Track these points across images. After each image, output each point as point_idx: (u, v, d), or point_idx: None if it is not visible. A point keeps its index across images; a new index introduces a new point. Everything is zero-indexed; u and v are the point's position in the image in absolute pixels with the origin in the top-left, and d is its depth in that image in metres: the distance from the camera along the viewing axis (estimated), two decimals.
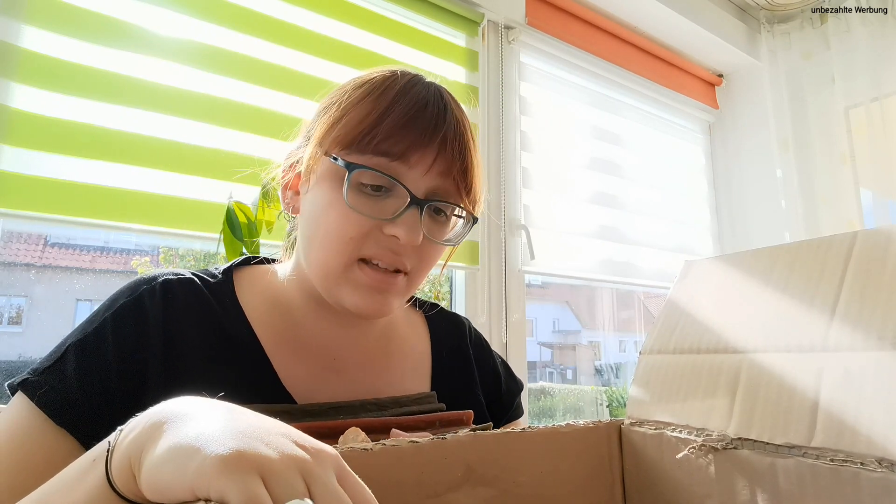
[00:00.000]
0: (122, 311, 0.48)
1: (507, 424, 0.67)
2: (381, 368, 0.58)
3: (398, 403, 0.53)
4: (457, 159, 0.50)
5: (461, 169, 0.51)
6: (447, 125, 0.50)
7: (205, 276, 0.55)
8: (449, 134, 0.50)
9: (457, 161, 0.50)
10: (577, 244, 1.60)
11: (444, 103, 0.52)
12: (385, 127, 0.48)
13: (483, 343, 0.71)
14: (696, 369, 0.38)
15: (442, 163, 0.50)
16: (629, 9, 1.74)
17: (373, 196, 0.49)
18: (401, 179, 0.49)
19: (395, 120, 0.49)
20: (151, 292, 0.50)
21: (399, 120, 0.49)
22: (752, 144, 2.04)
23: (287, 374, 0.52)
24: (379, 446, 0.31)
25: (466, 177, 0.52)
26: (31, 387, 0.44)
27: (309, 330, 0.55)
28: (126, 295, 0.50)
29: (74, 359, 0.45)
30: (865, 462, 0.27)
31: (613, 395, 2.22)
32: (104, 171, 0.93)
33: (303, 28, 1.19)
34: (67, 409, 0.43)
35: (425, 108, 0.50)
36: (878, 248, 0.33)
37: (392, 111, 0.49)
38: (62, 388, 0.44)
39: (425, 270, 0.54)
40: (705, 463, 0.34)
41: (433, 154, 0.49)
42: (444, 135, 0.50)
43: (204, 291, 0.52)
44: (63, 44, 0.92)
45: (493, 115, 1.48)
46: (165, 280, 0.51)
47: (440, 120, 0.50)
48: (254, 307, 0.54)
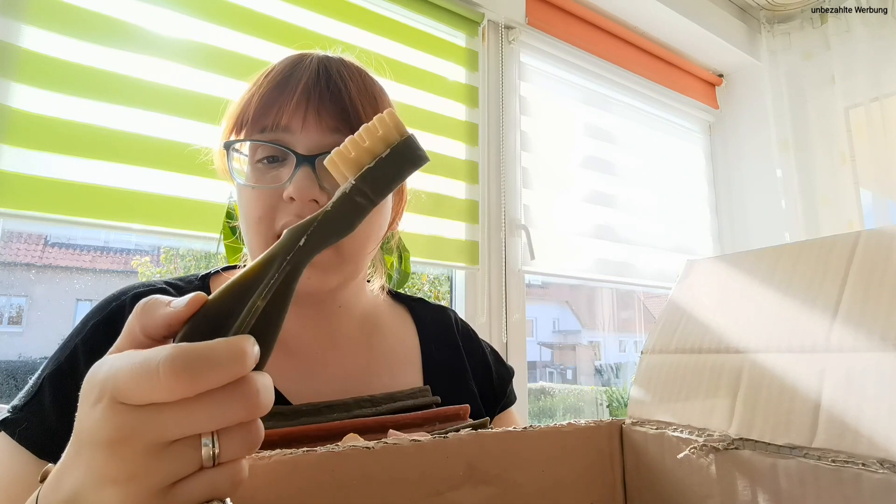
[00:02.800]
0: (93, 333, 0.48)
1: (502, 413, 0.67)
2: (368, 362, 0.58)
3: (393, 399, 0.53)
4: (330, 105, 0.50)
5: (340, 113, 0.50)
6: (315, 78, 0.50)
7: (179, 283, 0.55)
8: (319, 85, 0.50)
9: (330, 107, 0.50)
10: (577, 244, 1.60)
11: (317, 63, 0.52)
12: (255, 101, 0.50)
13: (470, 332, 0.70)
14: (698, 369, 0.38)
15: (315, 113, 0.49)
16: (629, 9, 1.75)
17: (268, 168, 0.50)
18: (284, 143, 0.49)
19: (263, 91, 0.50)
20: (121, 308, 0.50)
21: (267, 90, 0.50)
22: (752, 144, 2.04)
23: (274, 373, 0.51)
24: (380, 445, 0.31)
25: (350, 121, 0.50)
26: (12, 424, 0.44)
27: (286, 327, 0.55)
28: (96, 315, 0.50)
29: (51, 391, 0.45)
30: (867, 463, 0.27)
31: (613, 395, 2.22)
32: (104, 171, 0.93)
33: (303, 28, 1.19)
34: (49, 442, 0.44)
35: (292, 73, 0.51)
36: (882, 249, 0.33)
37: (262, 86, 0.51)
38: (41, 422, 0.44)
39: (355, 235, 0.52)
40: (706, 463, 0.34)
41: (303, 108, 0.49)
42: (310, 86, 0.50)
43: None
44: (63, 44, 0.92)
45: (493, 115, 1.48)
46: (136, 293, 0.51)
47: (308, 77, 0.50)
48: None
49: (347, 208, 0.31)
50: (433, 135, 1.35)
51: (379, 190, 0.32)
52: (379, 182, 0.32)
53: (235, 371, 0.24)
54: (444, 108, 1.39)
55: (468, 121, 1.44)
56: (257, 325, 0.27)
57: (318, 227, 0.30)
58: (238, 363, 0.24)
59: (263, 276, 0.28)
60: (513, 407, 0.69)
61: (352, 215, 0.31)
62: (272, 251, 0.29)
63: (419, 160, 0.33)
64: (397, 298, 0.68)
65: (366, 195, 0.31)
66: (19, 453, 0.43)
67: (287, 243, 0.29)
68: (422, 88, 1.35)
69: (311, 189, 0.47)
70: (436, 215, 1.32)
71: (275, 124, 0.49)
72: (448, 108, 1.40)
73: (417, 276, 1.58)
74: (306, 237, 0.30)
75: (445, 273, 1.49)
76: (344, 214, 0.31)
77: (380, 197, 0.32)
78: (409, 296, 0.70)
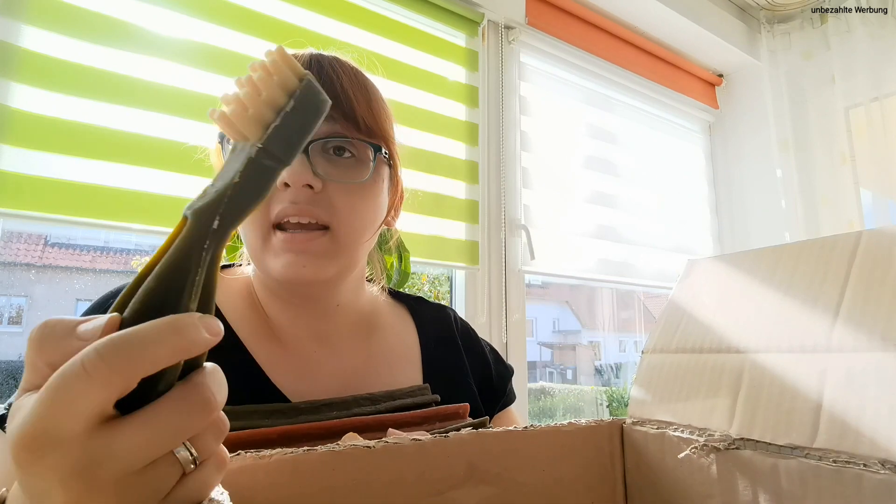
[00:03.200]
0: None
1: (502, 411, 0.67)
2: (367, 360, 0.58)
3: (392, 397, 0.53)
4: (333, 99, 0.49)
5: (337, 104, 0.50)
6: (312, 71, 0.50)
7: None
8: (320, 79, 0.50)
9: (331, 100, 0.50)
10: (577, 244, 1.60)
11: (308, 58, 0.52)
12: None
13: (470, 330, 0.71)
14: (699, 369, 0.38)
15: None
16: (629, 9, 1.74)
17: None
18: None
19: None
20: None
21: None
22: (752, 144, 2.04)
23: (274, 371, 0.51)
24: (381, 444, 0.31)
25: (354, 112, 0.50)
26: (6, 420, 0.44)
27: (281, 323, 0.55)
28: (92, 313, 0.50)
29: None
30: (868, 463, 0.27)
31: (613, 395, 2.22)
32: (104, 171, 0.93)
33: (303, 28, 1.19)
34: None
35: None
36: (883, 249, 0.33)
37: None
38: None
39: (351, 222, 0.52)
40: (707, 463, 0.34)
41: None
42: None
43: None
44: (63, 44, 0.92)
45: (493, 115, 1.48)
46: None
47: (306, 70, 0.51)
48: (232, 308, 0.54)
49: (257, 175, 0.27)
50: (433, 135, 1.34)
51: (290, 149, 0.28)
52: (289, 140, 0.28)
53: (177, 345, 0.22)
54: (444, 108, 1.39)
55: (468, 121, 1.44)
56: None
57: (229, 204, 0.26)
58: (177, 335, 0.22)
59: (186, 275, 0.25)
60: (512, 406, 0.69)
61: (263, 182, 0.27)
62: (183, 243, 0.25)
63: (323, 105, 0.29)
64: (397, 298, 0.69)
65: (276, 157, 0.27)
66: None
67: (198, 230, 0.25)
68: (422, 88, 1.35)
69: (304, 174, 0.48)
70: (436, 215, 1.32)
71: None
72: (448, 108, 1.40)
73: (417, 276, 1.58)
74: (219, 218, 0.26)
75: (445, 273, 1.49)
76: (254, 183, 0.27)
77: (291, 157, 0.28)
78: (409, 295, 0.70)
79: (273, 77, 0.28)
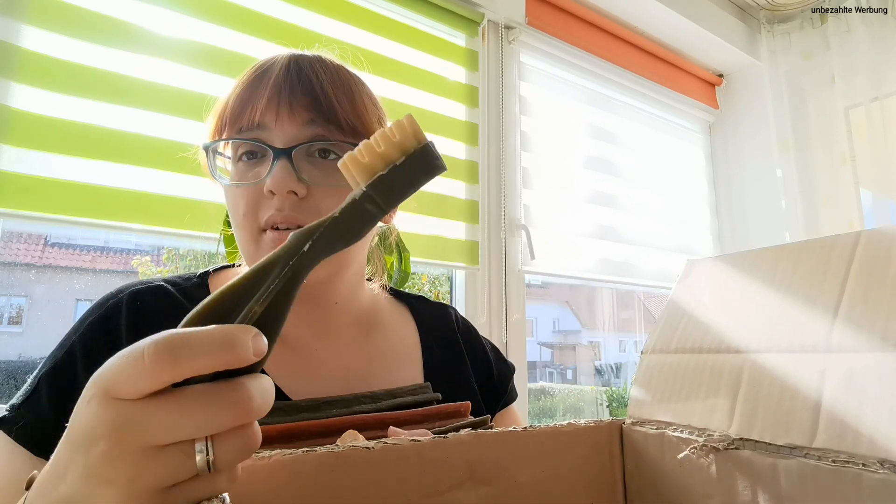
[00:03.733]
0: (90, 331, 0.48)
1: (504, 409, 0.67)
2: (368, 359, 0.58)
3: (393, 395, 0.52)
4: (301, 97, 0.50)
5: (312, 105, 0.50)
6: (287, 73, 0.51)
7: (177, 281, 0.55)
8: (290, 79, 0.50)
9: (301, 99, 0.50)
10: (577, 244, 1.60)
11: (287, 59, 0.53)
12: (231, 102, 0.51)
13: (470, 329, 0.70)
14: (698, 369, 0.38)
15: (296, 109, 0.50)
16: (629, 9, 1.74)
17: (249, 166, 0.51)
18: (260, 140, 0.50)
19: (237, 92, 0.51)
20: (117, 305, 0.50)
21: (241, 91, 0.51)
22: (752, 144, 2.04)
23: (274, 369, 0.52)
24: (380, 445, 0.31)
25: (323, 112, 0.50)
26: (9, 423, 0.45)
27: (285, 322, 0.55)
28: (93, 313, 0.50)
29: (47, 389, 0.46)
30: (868, 463, 0.27)
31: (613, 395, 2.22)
32: (104, 171, 0.93)
33: (303, 28, 1.19)
34: (45, 439, 0.44)
35: (266, 72, 0.52)
36: (882, 248, 0.33)
37: (237, 87, 0.52)
38: (38, 419, 0.44)
39: None
40: (706, 463, 0.34)
41: (276, 105, 0.50)
42: (280, 81, 0.50)
43: (176, 295, 0.53)
44: (63, 44, 0.92)
45: (493, 115, 1.48)
46: (133, 291, 0.52)
47: (281, 73, 0.51)
48: None
49: (356, 215, 0.30)
50: (433, 135, 1.35)
51: (391, 198, 0.30)
52: (391, 190, 0.30)
53: (222, 358, 0.24)
54: (444, 107, 1.39)
55: (468, 121, 1.44)
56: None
57: (325, 233, 0.29)
58: (225, 350, 0.24)
59: (263, 281, 0.27)
60: (514, 404, 0.69)
61: (360, 223, 0.30)
62: (275, 255, 0.28)
63: (435, 169, 0.32)
64: (398, 296, 0.68)
65: (376, 203, 0.30)
66: (16, 451, 0.44)
67: (291, 248, 0.28)
68: (422, 88, 1.35)
69: (287, 181, 0.48)
70: (436, 215, 1.32)
71: (250, 122, 0.50)
72: (448, 108, 1.40)
73: (417, 276, 1.58)
74: (311, 242, 0.29)
75: (445, 273, 1.49)
76: (352, 221, 0.30)
77: (391, 206, 0.31)
78: (410, 293, 0.70)
79: (395, 137, 0.31)
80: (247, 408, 0.24)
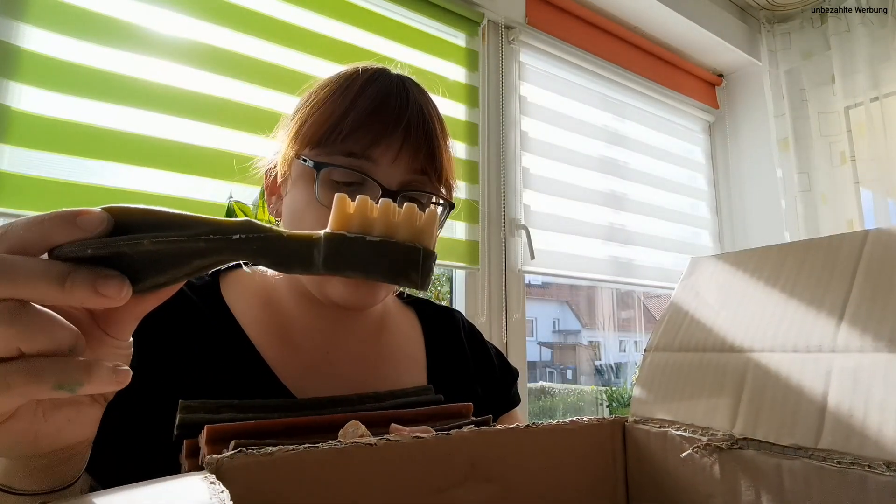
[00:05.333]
0: None
1: (506, 413, 0.67)
2: (375, 361, 0.58)
3: (395, 397, 0.53)
4: (423, 146, 0.51)
5: (428, 156, 0.51)
6: (410, 113, 0.51)
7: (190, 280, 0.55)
8: (413, 122, 0.51)
9: (423, 148, 0.51)
10: (577, 244, 1.60)
11: (406, 92, 0.52)
12: (349, 122, 0.49)
13: (476, 333, 0.71)
14: (702, 368, 0.38)
15: (409, 151, 0.50)
16: (629, 9, 1.74)
17: (344, 188, 0.50)
18: (369, 173, 0.49)
19: (358, 114, 0.49)
20: None
21: (362, 114, 0.49)
22: (752, 144, 2.04)
23: (281, 369, 0.52)
24: (383, 442, 0.30)
25: (435, 163, 0.51)
26: None
27: (300, 326, 0.56)
28: None
29: None
30: (873, 465, 0.27)
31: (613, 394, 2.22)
32: (104, 171, 0.93)
33: (303, 28, 1.19)
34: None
35: (387, 99, 0.51)
36: (890, 248, 0.33)
37: (355, 106, 0.50)
38: None
39: None
40: (710, 462, 0.34)
41: (398, 144, 0.50)
42: (408, 123, 0.50)
43: (186, 292, 0.53)
44: (63, 44, 0.92)
45: (493, 115, 1.48)
46: None
47: (402, 109, 0.51)
48: (240, 305, 0.55)
49: (298, 251, 0.28)
50: None
51: (332, 264, 0.27)
52: (340, 258, 0.28)
53: (45, 292, 0.24)
54: (443, 108, 1.37)
55: (468, 121, 1.44)
56: (127, 258, 0.27)
57: (260, 241, 0.27)
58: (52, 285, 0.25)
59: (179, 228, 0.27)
60: (516, 408, 0.69)
61: (295, 260, 0.28)
62: (209, 220, 0.28)
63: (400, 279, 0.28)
64: (405, 300, 0.69)
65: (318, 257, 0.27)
66: None
67: (226, 226, 0.28)
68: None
69: None
70: None
71: (367, 148, 0.49)
72: (448, 108, 1.40)
73: None
74: (243, 237, 0.27)
75: (445, 273, 1.49)
76: (291, 252, 0.28)
77: (326, 270, 0.28)
78: (417, 297, 0.70)
79: (395, 216, 0.29)
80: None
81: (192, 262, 0.27)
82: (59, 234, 0.26)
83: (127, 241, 0.27)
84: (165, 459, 0.41)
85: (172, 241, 0.27)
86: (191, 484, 0.24)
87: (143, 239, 0.27)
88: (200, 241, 0.27)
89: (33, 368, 0.24)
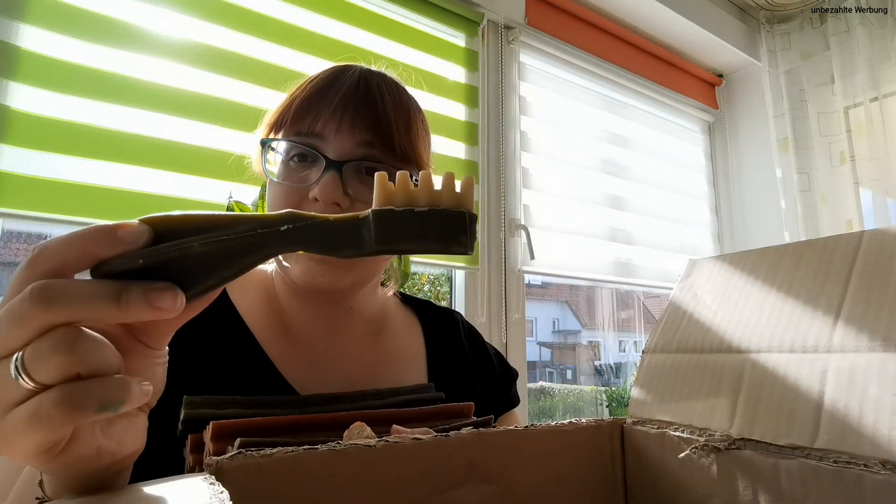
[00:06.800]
0: None
1: (506, 414, 0.68)
2: (375, 360, 0.59)
3: (397, 394, 0.53)
4: (365, 117, 0.52)
5: (372, 126, 0.52)
6: (355, 89, 0.52)
7: None
8: (357, 95, 0.52)
9: (365, 119, 0.52)
10: (576, 244, 1.60)
11: (362, 75, 0.54)
12: (295, 105, 0.52)
13: (476, 334, 0.72)
14: (699, 369, 0.38)
15: (348, 122, 0.51)
16: (629, 9, 1.75)
17: (298, 167, 0.52)
18: (316, 147, 0.51)
19: (304, 96, 0.53)
20: None
21: (308, 95, 0.53)
22: (751, 144, 2.04)
23: (284, 364, 0.53)
24: (382, 443, 0.31)
25: (381, 134, 0.52)
26: None
27: (296, 319, 0.57)
28: None
29: None
30: (869, 464, 0.27)
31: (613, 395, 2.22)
32: (104, 171, 0.93)
33: (302, 28, 1.19)
34: None
35: (335, 81, 0.53)
36: (885, 248, 0.33)
37: (304, 90, 0.53)
38: None
39: None
40: (707, 463, 0.34)
41: (339, 115, 0.51)
42: (348, 95, 0.52)
43: None
44: (63, 44, 0.92)
45: (493, 115, 1.48)
46: None
47: (349, 87, 0.52)
48: (244, 301, 0.56)
49: (346, 232, 0.28)
50: (433, 135, 1.34)
51: (385, 241, 0.28)
52: (391, 233, 0.28)
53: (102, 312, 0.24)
54: (443, 108, 1.39)
55: (468, 121, 1.44)
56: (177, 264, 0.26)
57: (309, 228, 0.28)
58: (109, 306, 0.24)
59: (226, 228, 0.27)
60: (516, 409, 0.70)
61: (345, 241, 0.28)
62: (253, 216, 0.27)
63: (451, 244, 0.28)
64: (406, 301, 0.70)
65: (370, 236, 0.28)
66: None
67: (272, 219, 0.28)
68: (421, 88, 1.35)
69: (335, 192, 0.49)
70: None
71: (310, 129, 0.51)
72: (448, 108, 1.40)
73: (417, 276, 1.58)
74: (292, 227, 0.27)
75: (445, 273, 1.49)
76: (340, 235, 0.28)
77: (381, 247, 0.28)
78: (418, 298, 0.71)
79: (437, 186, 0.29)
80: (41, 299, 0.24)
81: (242, 260, 0.27)
82: (102, 250, 0.26)
83: (177, 246, 0.26)
84: (169, 454, 0.41)
85: (222, 240, 0.27)
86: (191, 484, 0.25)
87: (192, 242, 0.26)
88: (249, 236, 0.27)
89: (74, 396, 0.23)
